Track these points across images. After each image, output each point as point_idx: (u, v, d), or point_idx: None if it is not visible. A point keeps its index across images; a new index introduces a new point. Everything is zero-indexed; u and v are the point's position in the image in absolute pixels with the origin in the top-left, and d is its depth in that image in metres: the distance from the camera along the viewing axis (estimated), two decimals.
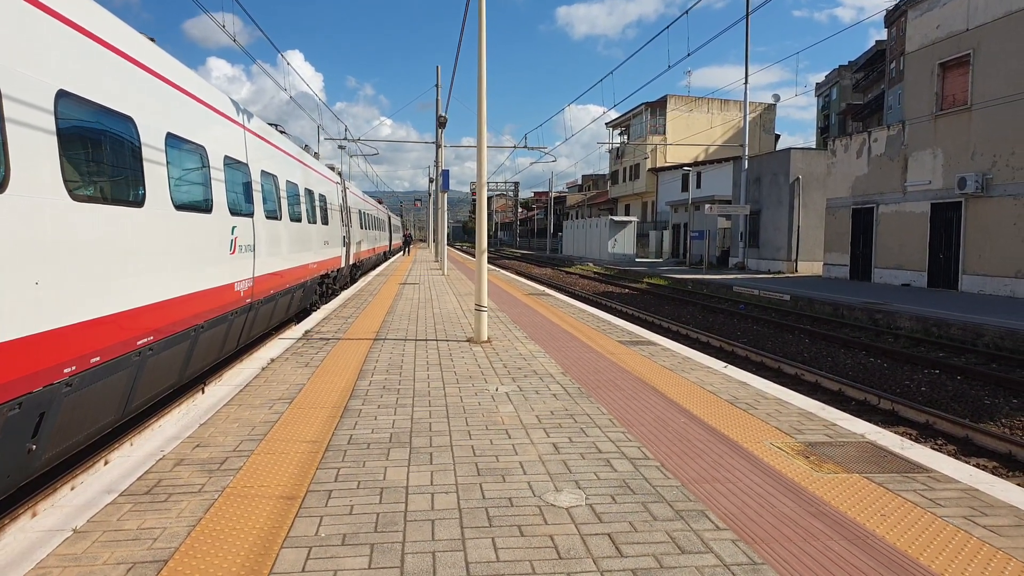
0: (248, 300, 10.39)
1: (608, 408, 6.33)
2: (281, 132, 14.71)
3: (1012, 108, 20.96)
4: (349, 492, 4.28)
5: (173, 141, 7.46)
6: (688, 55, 16.18)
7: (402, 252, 56.52)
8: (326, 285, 19.25)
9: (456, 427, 5.72)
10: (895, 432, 7.10)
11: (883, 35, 67.50)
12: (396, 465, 4.78)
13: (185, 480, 4.46)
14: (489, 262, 11.29)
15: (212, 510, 3.97)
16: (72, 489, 5.98)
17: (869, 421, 6.91)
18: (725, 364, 8.61)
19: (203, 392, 9.52)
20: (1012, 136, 20.96)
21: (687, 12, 16.07)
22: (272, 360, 8.51)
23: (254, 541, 3.58)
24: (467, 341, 10.19)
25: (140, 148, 6.58)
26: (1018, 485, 4.51)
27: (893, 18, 62.44)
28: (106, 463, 6.76)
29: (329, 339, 10.20)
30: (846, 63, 77.66)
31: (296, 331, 11.09)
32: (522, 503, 4.12)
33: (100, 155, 6.03)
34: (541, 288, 21.09)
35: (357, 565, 3.34)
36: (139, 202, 6.53)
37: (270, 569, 3.29)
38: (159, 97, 7.27)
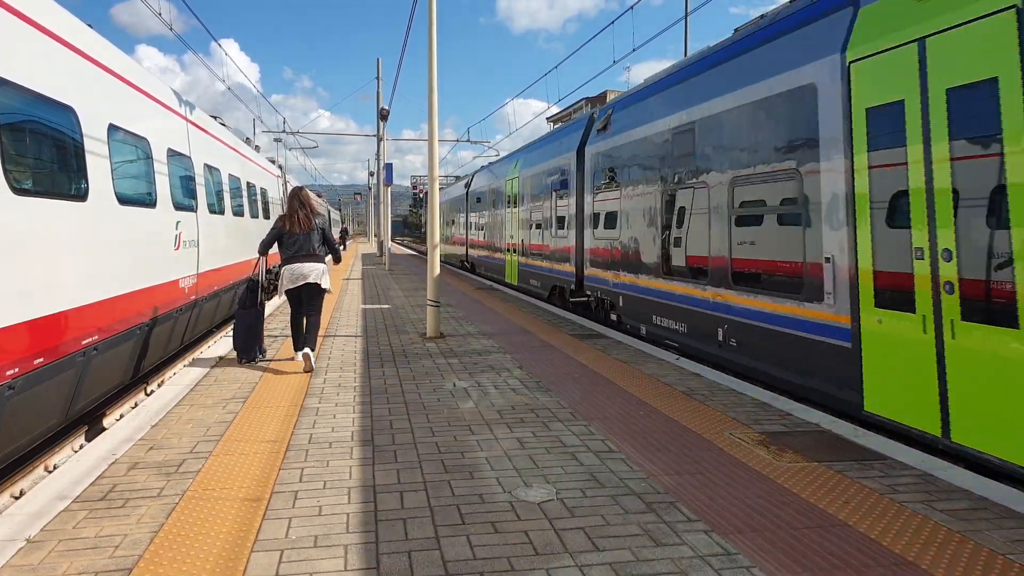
0: (193, 297, 10.10)
1: (568, 402, 6.35)
2: (222, 124, 14.34)
3: None
4: (316, 492, 4.19)
5: (116, 133, 7.18)
6: (633, 50, 16.34)
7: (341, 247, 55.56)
8: (268, 281, 18.85)
9: (418, 424, 5.66)
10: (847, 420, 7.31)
11: None
12: (361, 464, 4.70)
13: (142, 484, 4.30)
14: None
15: (174, 514, 3.84)
16: (15, 497, 5.72)
17: (819, 410, 7.09)
18: (677, 356, 8.74)
19: (146, 393, 9.23)
20: None
21: (632, 8, 16.22)
22: (220, 358, 8.28)
23: (222, 545, 3.47)
24: (419, 337, 10.10)
25: (82, 140, 6.31)
26: (968, 470, 4.70)
27: None
28: (47, 469, 6.49)
29: (277, 336, 9.98)
30: None
31: None
32: (493, 499, 4.10)
33: (41, 147, 5.76)
34: (488, 283, 21.07)
35: (333, 567, 3.27)
36: (82, 196, 6.26)
37: (242, 574, 3.19)
38: (100, 87, 6.98)
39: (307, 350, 7.55)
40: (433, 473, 4.54)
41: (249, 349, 8.01)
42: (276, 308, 12.93)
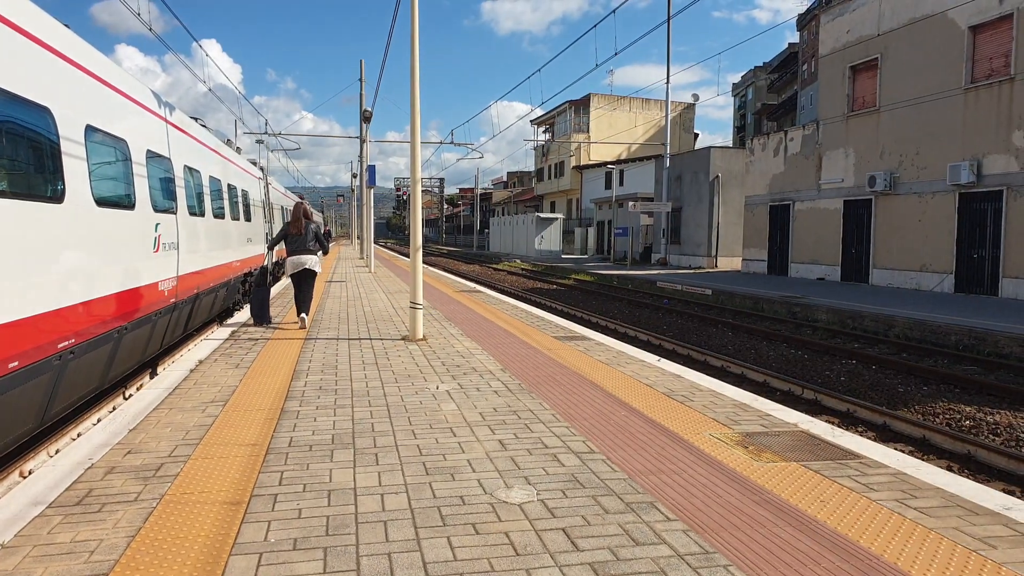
0: (172, 300, 10.03)
1: (550, 403, 6.37)
2: (202, 126, 14.24)
3: (916, 110, 22.07)
4: (296, 495, 4.17)
5: (93, 134, 7.12)
6: (616, 54, 16.41)
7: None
8: (249, 283, 18.74)
9: (399, 427, 5.65)
10: (824, 421, 7.38)
11: (796, 38, 70.01)
12: (341, 467, 4.69)
13: (119, 488, 4.27)
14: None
15: (151, 519, 3.81)
16: None
17: (797, 411, 7.16)
18: (658, 358, 8.79)
19: (125, 396, 9.14)
20: (917, 136, 22.08)
21: (614, 12, 16.29)
22: (200, 362, 8.22)
23: (200, 549, 3.45)
24: (402, 339, 10.08)
25: (58, 141, 6.25)
26: (940, 468, 4.76)
27: (805, 21, 64.94)
28: (22, 474, 6.41)
29: (258, 339, 9.93)
30: (761, 64, 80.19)
31: (222, 331, 10.75)
32: (474, 501, 4.11)
33: (15, 148, 5.70)
34: (472, 285, 21.06)
35: (311, 570, 3.26)
36: (58, 198, 6.20)
37: None
38: (77, 87, 6.92)
39: (303, 315, 11.05)
40: (414, 475, 4.53)
41: (262, 316, 11.33)
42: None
